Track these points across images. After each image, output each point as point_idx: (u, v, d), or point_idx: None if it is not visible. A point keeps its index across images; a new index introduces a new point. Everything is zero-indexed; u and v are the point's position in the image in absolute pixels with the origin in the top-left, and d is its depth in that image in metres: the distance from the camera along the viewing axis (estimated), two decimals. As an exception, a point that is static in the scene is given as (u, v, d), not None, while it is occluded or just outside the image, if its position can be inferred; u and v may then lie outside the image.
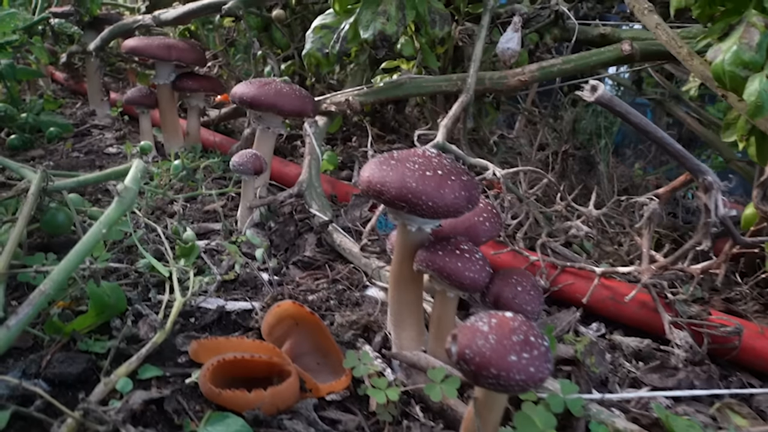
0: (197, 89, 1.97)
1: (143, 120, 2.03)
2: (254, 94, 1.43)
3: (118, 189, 0.92)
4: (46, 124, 2.35)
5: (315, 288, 1.30)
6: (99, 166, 2.09)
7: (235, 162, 1.45)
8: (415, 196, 0.90)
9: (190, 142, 2.05)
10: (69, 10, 2.37)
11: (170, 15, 1.94)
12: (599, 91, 0.95)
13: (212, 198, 1.69)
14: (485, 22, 1.53)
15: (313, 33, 1.70)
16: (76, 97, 3.11)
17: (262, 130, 1.53)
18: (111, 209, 0.90)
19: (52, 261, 1.19)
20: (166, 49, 1.86)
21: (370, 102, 1.72)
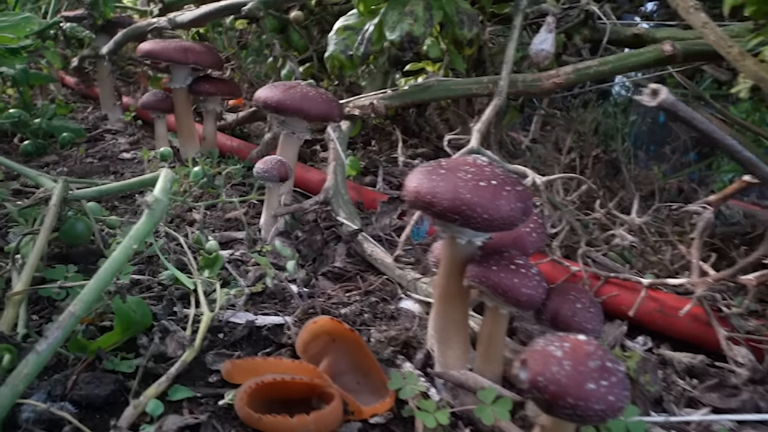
0: (214, 93, 1.89)
1: (159, 125, 1.96)
2: (279, 99, 1.36)
3: (148, 201, 0.85)
4: (59, 130, 2.29)
5: (347, 300, 1.23)
6: (113, 172, 2.02)
7: (260, 168, 1.38)
8: (470, 208, 0.83)
9: (206, 147, 1.98)
10: (82, 14, 2.30)
11: (186, 17, 1.87)
12: (662, 95, 0.89)
13: (233, 205, 1.62)
14: (518, 23, 1.46)
15: (336, 35, 1.64)
16: (87, 102, 3.04)
17: (286, 135, 1.46)
18: (141, 223, 0.83)
19: (74, 276, 1.12)
20: (183, 52, 1.79)
21: (396, 105, 1.65)
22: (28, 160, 2.12)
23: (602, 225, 1.37)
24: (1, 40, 1.54)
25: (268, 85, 1.43)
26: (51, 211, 1.03)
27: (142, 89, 3.02)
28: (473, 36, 1.59)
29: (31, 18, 1.68)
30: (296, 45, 2.08)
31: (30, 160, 2.13)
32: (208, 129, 1.97)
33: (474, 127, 1.36)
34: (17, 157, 2.16)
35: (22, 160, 2.13)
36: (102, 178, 1.98)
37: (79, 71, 2.84)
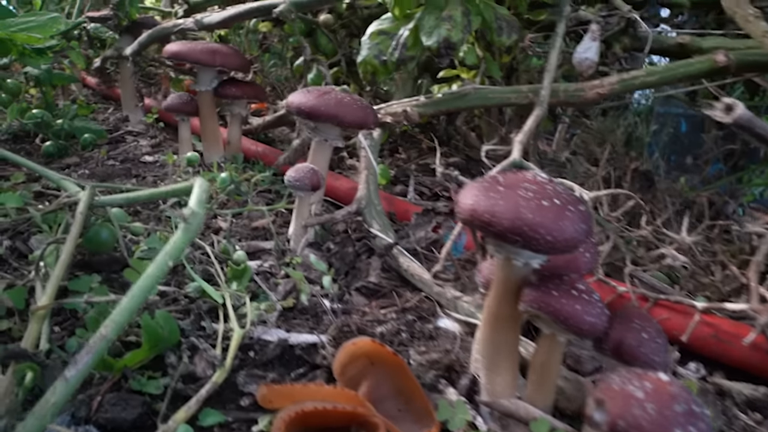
0: (240, 96, 1.83)
1: (183, 128, 1.90)
2: (313, 104, 1.30)
3: (185, 214, 0.79)
4: (81, 131, 2.24)
5: (383, 318, 1.16)
6: (135, 175, 1.96)
7: (291, 177, 1.31)
8: (532, 230, 0.76)
9: (231, 152, 1.92)
10: (107, 15, 2.25)
11: (213, 19, 1.82)
12: (737, 111, 0.81)
13: (260, 213, 1.56)
14: (560, 30, 1.39)
15: (369, 39, 1.57)
16: (107, 102, 2.99)
17: (319, 142, 1.40)
18: (177, 237, 0.77)
19: (99, 288, 1.05)
20: (210, 54, 1.73)
21: (430, 113, 1.58)
22: (49, 162, 2.07)
23: (648, 243, 1.29)
24: (28, 41, 1.49)
25: (300, 91, 1.36)
26: (77, 220, 0.97)
27: (164, 90, 2.97)
28: (512, 43, 1.52)
29: (57, 18, 1.63)
30: (324, 49, 2.01)
31: (51, 161, 2.07)
32: (233, 133, 1.91)
33: (515, 139, 1.29)
34: (39, 159, 2.11)
35: (44, 162, 2.08)
36: (123, 181, 1.93)
37: (101, 72, 2.80)
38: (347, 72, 2.03)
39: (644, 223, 1.27)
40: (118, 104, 2.94)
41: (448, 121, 2.01)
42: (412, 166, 1.92)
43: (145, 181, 1.90)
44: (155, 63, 2.55)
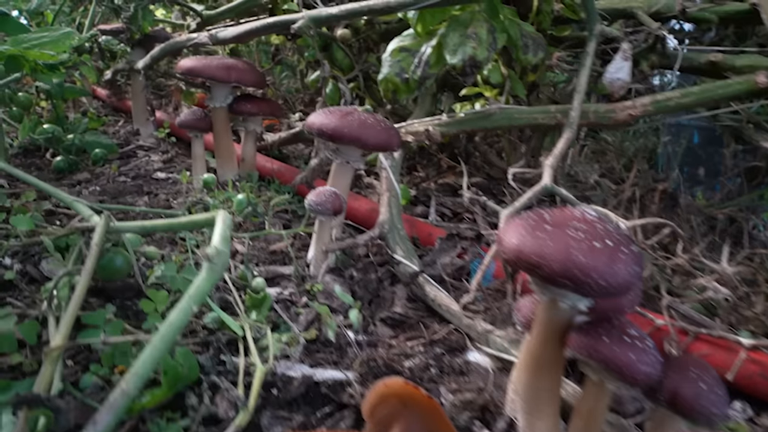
0: (256, 113, 1.78)
1: (196, 144, 1.85)
2: (336, 126, 1.24)
3: (209, 253, 0.73)
4: (92, 145, 2.19)
5: (410, 351, 1.10)
6: (147, 192, 1.91)
7: (313, 201, 1.26)
8: (584, 274, 0.70)
9: (245, 170, 1.87)
10: (119, 28, 2.21)
11: (229, 34, 1.77)
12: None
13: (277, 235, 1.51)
14: (591, 50, 1.34)
15: (390, 56, 1.52)
16: (118, 115, 2.95)
17: (340, 164, 1.34)
18: (202, 279, 0.71)
19: (115, 324, 1.00)
20: (225, 70, 1.68)
21: (453, 133, 1.53)
22: (60, 177, 2.03)
23: (684, 270, 1.23)
24: (41, 57, 1.44)
25: (321, 111, 1.31)
26: (92, 252, 0.92)
27: (174, 103, 2.93)
28: (538, 61, 1.47)
29: (70, 34, 1.58)
30: (340, 64, 1.96)
31: (62, 177, 2.03)
32: (247, 150, 1.86)
33: (545, 163, 1.23)
34: (49, 174, 2.07)
35: (54, 177, 2.03)
36: (135, 198, 1.87)
37: (112, 84, 2.75)
38: (364, 87, 1.98)
39: (680, 251, 1.21)
40: (128, 116, 2.89)
41: (467, 138, 1.96)
42: (432, 185, 1.87)
43: (157, 199, 1.85)
44: (166, 75, 2.50)
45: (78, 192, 1.87)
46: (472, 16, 1.44)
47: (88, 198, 1.84)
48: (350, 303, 1.14)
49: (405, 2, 1.40)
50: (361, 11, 1.46)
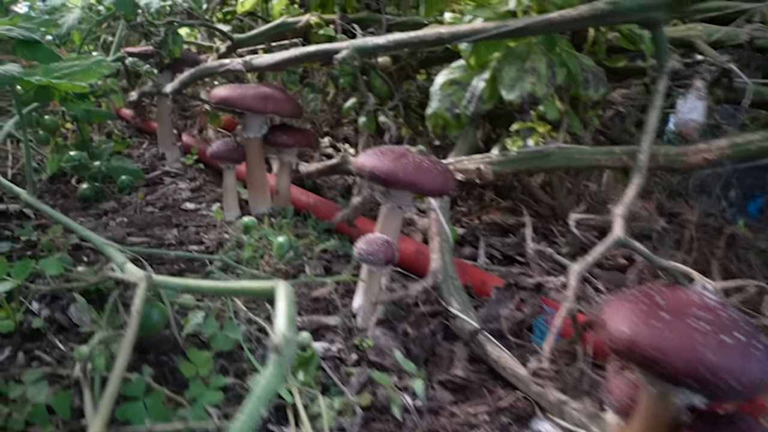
0: (292, 145, 1.69)
1: (228, 176, 1.76)
2: (390, 170, 1.15)
3: (276, 343, 0.64)
4: (118, 171, 2.11)
5: (474, 421, 1.00)
6: (176, 224, 1.82)
7: (363, 250, 1.16)
8: (714, 375, 0.60)
9: (279, 203, 1.78)
10: (147, 51, 2.14)
11: (264, 61, 1.68)
12: None
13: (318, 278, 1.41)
14: (661, 87, 1.24)
15: (440, 90, 1.43)
16: (142, 136, 2.88)
17: (391, 209, 1.25)
18: (269, 375, 0.62)
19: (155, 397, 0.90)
20: (262, 101, 1.60)
21: (506, 172, 1.43)
22: (86, 207, 1.95)
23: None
24: (72, 89, 1.36)
25: (372, 152, 1.22)
26: (133, 321, 0.82)
27: (199, 125, 2.85)
28: (599, 97, 1.37)
29: (101, 62, 1.50)
30: (378, 91, 1.87)
31: (88, 206, 1.95)
32: (281, 182, 1.77)
33: (615, 212, 1.13)
34: (75, 201, 1.99)
35: (80, 206, 1.95)
36: (163, 230, 1.79)
37: (137, 105, 2.68)
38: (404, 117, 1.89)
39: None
40: (153, 138, 2.82)
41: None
42: (476, 222, 1.77)
43: (186, 232, 1.76)
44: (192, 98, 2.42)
45: (105, 224, 1.78)
46: (528, 48, 1.35)
47: (116, 230, 1.76)
48: (413, 371, 1.04)
49: (458, 34, 1.31)
50: (411, 42, 1.37)
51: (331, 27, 1.90)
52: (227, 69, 1.81)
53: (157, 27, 2.04)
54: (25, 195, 1.52)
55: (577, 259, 1.06)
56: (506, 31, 1.26)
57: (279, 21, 2.03)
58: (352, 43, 1.42)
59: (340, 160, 1.74)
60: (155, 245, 1.67)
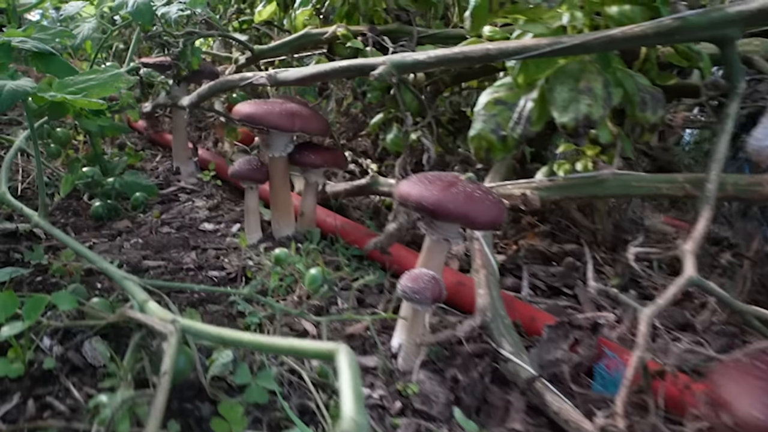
0: (320, 165, 1.59)
1: (250, 196, 1.65)
2: (438, 200, 1.04)
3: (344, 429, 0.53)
4: (131, 187, 2.01)
5: (538, 487, 0.89)
6: (194, 246, 1.71)
7: (409, 288, 1.06)
8: None
9: (304, 225, 1.67)
10: (163, 62, 2.03)
11: (291, 75, 1.58)
12: None
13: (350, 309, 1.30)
14: (732, 111, 1.13)
15: (484, 110, 1.32)
16: (154, 148, 2.77)
17: (437, 241, 1.14)
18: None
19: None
20: (289, 118, 1.49)
21: (554, 199, 1.32)
22: (99, 226, 1.84)
23: None
24: (89, 106, 1.26)
25: (417, 179, 1.11)
26: (163, 385, 0.72)
27: (213, 138, 2.75)
28: (657, 120, 1.26)
29: (119, 76, 1.40)
30: (409, 107, 1.76)
31: (101, 225, 1.84)
32: (307, 204, 1.66)
33: (685, 249, 1.02)
34: (87, 220, 1.88)
35: (93, 225, 1.85)
36: (181, 253, 1.68)
37: (150, 117, 2.58)
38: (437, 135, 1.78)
39: None
40: (166, 151, 2.72)
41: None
42: (515, 248, 1.65)
43: (206, 255, 1.65)
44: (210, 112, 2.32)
45: (119, 246, 1.67)
46: (582, 67, 1.24)
47: (131, 253, 1.65)
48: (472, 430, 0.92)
49: (507, 51, 1.20)
50: (454, 59, 1.26)
51: (359, 39, 1.79)
52: (249, 82, 1.71)
53: (175, 38, 1.94)
54: (36, 218, 1.42)
55: (628, 291, 0.95)
56: (561, 48, 1.16)
57: (303, 32, 1.93)
58: (389, 59, 1.32)
59: (370, 181, 1.64)
60: (173, 269, 1.56)
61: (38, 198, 1.37)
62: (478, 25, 1.25)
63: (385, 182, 1.63)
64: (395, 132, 1.82)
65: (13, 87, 1.25)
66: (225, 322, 1.34)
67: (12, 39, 1.50)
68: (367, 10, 1.89)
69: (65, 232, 1.77)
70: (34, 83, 1.32)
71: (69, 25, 2.10)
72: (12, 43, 1.49)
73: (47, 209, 1.40)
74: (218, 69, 2.26)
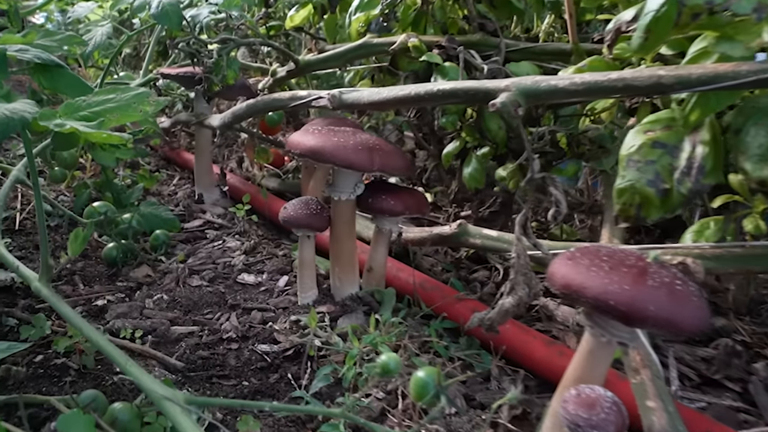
0: (400, 212, 1.24)
1: (306, 247, 1.30)
2: (633, 299, 0.70)
3: None
4: (150, 221, 1.66)
5: None
6: (233, 305, 1.36)
7: (583, 420, 0.71)
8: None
9: (371, 283, 1.33)
10: (191, 74, 1.68)
11: (364, 97, 1.23)
12: None
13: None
14: None
15: (639, 154, 0.98)
16: (170, 167, 2.41)
17: (607, 342, 0.79)
18: None
19: None
20: (367, 154, 1.15)
21: (726, 272, 0.98)
22: (113, 274, 1.48)
23: None
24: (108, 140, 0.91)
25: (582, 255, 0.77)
26: None
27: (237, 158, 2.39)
28: None
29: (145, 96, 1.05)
30: (494, 136, 1.42)
31: (115, 273, 1.48)
32: (377, 257, 1.31)
33: None
34: (98, 266, 1.52)
35: (106, 273, 1.49)
36: (218, 314, 1.33)
37: (167, 133, 2.22)
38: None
39: None
40: (184, 172, 2.36)
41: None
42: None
43: (249, 319, 1.30)
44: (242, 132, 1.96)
45: (140, 306, 1.32)
46: (783, 101, 0.90)
47: (155, 314, 1.30)
48: None
49: (689, 79, 0.86)
50: (610, 88, 0.91)
51: (435, 52, 1.44)
52: (304, 103, 1.36)
53: (206, 46, 1.58)
54: (36, 283, 1.06)
55: None
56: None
57: (361, 41, 1.58)
58: (516, 84, 0.97)
59: (458, 230, 1.29)
60: (210, 342, 1.21)
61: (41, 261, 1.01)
62: (654, 41, 0.90)
63: (477, 233, 1.28)
64: (474, 164, 1.48)
65: (6, 114, 0.90)
66: (290, 427, 0.99)
67: (9, 47, 1.14)
68: (443, 17, 1.54)
69: (73, 283, 1.42)
70: (34, 107, 0.98)
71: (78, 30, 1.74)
72: (8, 53, 1.13)
73: (50, 271, 1.05)
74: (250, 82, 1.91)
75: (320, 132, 1.21)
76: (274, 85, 1.85)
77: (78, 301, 1.34)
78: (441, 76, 1.44)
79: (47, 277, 1.07)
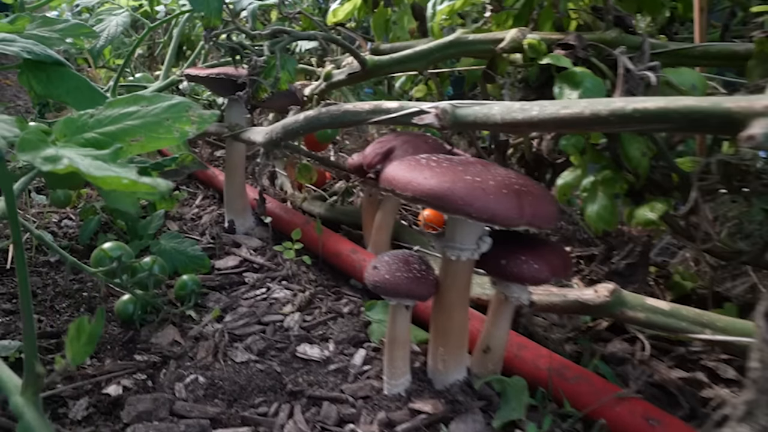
0: (546, 279, 0.83)
1: (400, 320, 0.89)
2: None
3: None
4: (173, 259, 1.26)
5: None
6: (294, 392, 0.95)
7: None
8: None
9: (487, 367, 0.92)
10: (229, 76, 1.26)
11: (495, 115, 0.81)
12: None
13: None
14: None
15: None
16: (191, 183, 1.98)
17: None
18: None
19: None
20: (514, 201, 0.74)
21: None
22: (129, 340, 1.07)
23: None
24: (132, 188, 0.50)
25: None
26: None
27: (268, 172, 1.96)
28: None
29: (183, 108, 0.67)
30: (636, 165, 1.02)
31: (132, 339, 1.07)
32: (498, 334, 0.90)
33: None
34: (110, 325, 1.11)
35: (119, 338, 1.07)
36: (272, 406, 0.92)
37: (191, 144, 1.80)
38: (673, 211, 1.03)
39: None
40: (207, 189, 1.94)
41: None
42: None
43: (320, 416, 0.89)
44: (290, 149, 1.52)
45: (169, 401, 0.90)
46: None
47: (189, 410, 0.89)
48: None
49: None
50: None
51: (560, 53, 1.04)
52: (395, 117, 0.94)
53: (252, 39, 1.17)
54: (17, 399, 0.65)
55: None
56: None
57: (452, 38, 1.17)
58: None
59: (611, 299, 0.88)
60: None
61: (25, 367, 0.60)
62: None
63: (638, 303, 0.88)
64: (603, 200, 1.07)
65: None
66: None
67: (-15, 36, 0.73)
68: (565, 9, 1.13)
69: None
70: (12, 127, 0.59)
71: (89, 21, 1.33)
72: (-15, 45, 0.73)
73: (39, 382, 0.64)
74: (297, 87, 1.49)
75: (439, 165, 0.79)
76: (327, 90, 1.43)
77: (83, 387, 0.93)
78: (569, 86, 1.03)
79: (34, 389, 0.66)
